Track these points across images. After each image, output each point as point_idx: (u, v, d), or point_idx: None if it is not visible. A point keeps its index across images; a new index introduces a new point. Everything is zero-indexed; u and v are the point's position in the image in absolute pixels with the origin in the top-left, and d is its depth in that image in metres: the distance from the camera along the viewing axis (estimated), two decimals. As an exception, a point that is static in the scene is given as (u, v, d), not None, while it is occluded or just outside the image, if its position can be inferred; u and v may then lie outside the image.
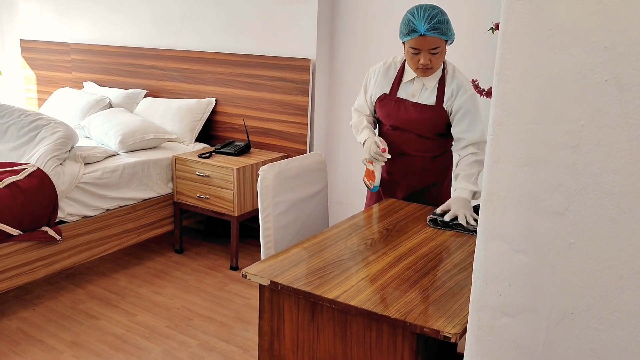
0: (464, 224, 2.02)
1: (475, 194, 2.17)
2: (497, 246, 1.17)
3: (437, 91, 2.28)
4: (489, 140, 1.15)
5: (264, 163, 3.54)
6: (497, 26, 2.71)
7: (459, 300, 1.49)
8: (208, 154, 3.59)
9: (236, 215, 3.44)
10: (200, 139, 4.04)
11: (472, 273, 1.66)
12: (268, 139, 3.82)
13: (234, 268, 3.53)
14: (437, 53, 2.16)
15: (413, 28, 2.13)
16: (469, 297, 1.51)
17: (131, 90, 4.35)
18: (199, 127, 3.95)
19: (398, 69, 2.36)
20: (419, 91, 2.30)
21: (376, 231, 2.01)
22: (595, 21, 0.98)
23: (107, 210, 3.30)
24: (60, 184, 2.99)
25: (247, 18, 3.82)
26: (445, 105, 2.27)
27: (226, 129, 4.01)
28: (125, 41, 4.48)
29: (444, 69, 2.29)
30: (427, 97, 2.29)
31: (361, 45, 3.55)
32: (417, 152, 2.35)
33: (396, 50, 3.42)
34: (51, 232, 2.94)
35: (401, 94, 2.33)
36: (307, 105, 3.61)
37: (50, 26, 4.97)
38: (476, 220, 1.94)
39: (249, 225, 4.00)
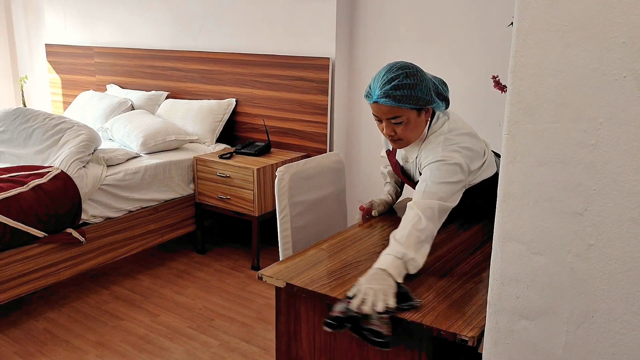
0: (365, 311, 1.38)
1: (406, 262, 1.57)
2: (514, 248, 1.14)
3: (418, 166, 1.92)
4: (504, 139, 1.13)
5: (283, 163, 3.54)
6: (517, 21, 2.67)
7: (477, 303, 1.46)
8: (228, 155, 3.61)
9: (257, 215, 3.45)
10: (221, 139, 4.06)
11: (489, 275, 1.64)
12: (288, 139, 3.82)
13: (255, 268, 3.55)
14: (400, 123, 1.76)
15: (368, 92, 1.77)
16: (486, 299, 1.48)
17: (153, 92, 4.40)
18: (220, 128, 3.97)
19: None
20: (411, 159, 1.96)
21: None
22: (612, 16, 0.95)
23: (130, 211, 3.34)
24: (84, 186, 3.03)
25: (266, 18, 3.83)
26: None
27: (247, 129, 4.02)
28: (147, 43, 4.53)
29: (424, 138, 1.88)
30: (413, 169, 1.97)
31: (380, 44, 3.53)
32: None
33: (415, 50, 3.40)
34: (75, 234, 2.99)
35: (397, 156, 2.04)
36: (327, 105, 3.59)
37: (74, 31, 5.05)
38: (390, 311, 1.39)
39: (271, 225, 4.00)
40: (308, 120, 3.70)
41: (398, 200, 2.28)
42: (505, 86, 2.77)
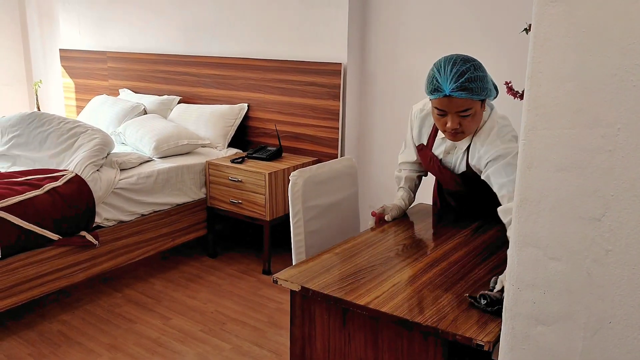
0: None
1: None
2: (531, 253, 1.15)
3: (468, 154, 1.96)
4: (520, 145, 1.13)
5: (295, 168, 3.56)
6: (530, 27, 2.67)
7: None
8: (240, 159, 3.63)
9: (268, 219, 3.46)
10: (232, 144, 4.08)
11: (506, 279, 1.63)
12: (300, 144, 3.83)
13: (267, 272, 3.56)
14: (468, 115, 1.80)
15: (437, 87, 1.78)
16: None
17: (165, 96, 4.43)
18: (232, 133, 3.99)
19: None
20: (453, 149, 2.00)
21: (408, 236, 1.99)
22: (630, 23, 0.96)
23: (142, 215, 3.36)
24: (98, 190, 3.06)
25: (279, 23, 3.85)
26: (474, 169, 1.96)
27: (258, 134, 4.05)
28: (159, 48, 4.57)
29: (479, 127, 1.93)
30: (459, 160, 2.00)
31: (392, 50, 3.54)
32: (459, 196, 2.20)
33: (427, 55, 3.40)
34: (89, 237, 3.01)
35: (436, 149, 2.05)
36: (339, 110, 3.61)
37: (88, 36, 5.11)
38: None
39: (282, 230, 4.02)
40: (320, 126, 3.72)
41: (411, 206, 2.29)
42: (518, 92, 2.77)
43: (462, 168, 1.99)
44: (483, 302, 1.46)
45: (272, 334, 2.86)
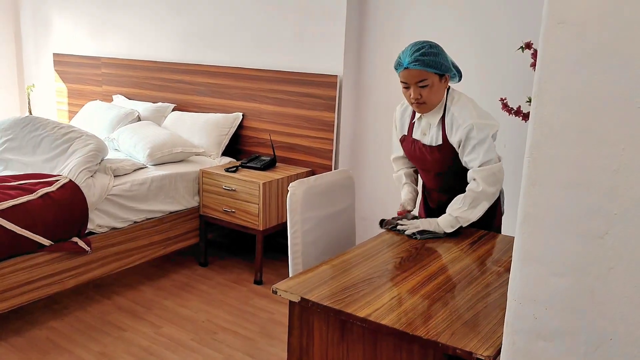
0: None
1: (455, 215, 2.13)
2: (534, 269, 1.16)
3: (442, 128, 2.20)
4: (525, 162, 1.15)
5: (289, 178, 3.57)
6: (527, 45, 2.71)
7: (492, 322, 1.48)
8: (234, 168, 3.63)
9: (261, 229, 3.46)
10: (226, 153, 4.08)
11: (504, 294, 1.65)
12: (294, 154, 3.84)
13: (258, 282, 3.55)
14: (425, 86, 2.10)
15: (399, 61, 2.12)
16: (502, 318, 1.50)
17: (159, 103, 4.42)
18: (226, 142, 3.99)
19: (411, 109, 2.32)
20: (427, 129, 2.24)
21: (405, 249, 2.00)
22: (637, 46, 0.98)
23: (135, 222, 3.35)
24: (91, 196, 3.04)
25: (275, 34, 3.87)
26: (450, 141, 2.19)
27: (252, 143, 4.05)
28: (154, 56, 4.57)
29: (445, 103, 2.21)
30: (434, 136, 2.23)
31: (388, 63, 3.57)
32: (442, 190, 2.35)
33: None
34: (81, 243, 2.99)
35: (415, 133, 2.29)
36: (333, 121, 3.63)
37: (83, 41, 5.09)
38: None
39: (273, 240, 4.02)
40: (314, 137, 3.73)
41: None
42: (513, 108, 2.81)
43: (439, 141, 2.22)
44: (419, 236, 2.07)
45: (264, 344, 2.85)
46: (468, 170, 2.18)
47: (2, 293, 2.71)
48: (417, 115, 2.26)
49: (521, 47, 2.70)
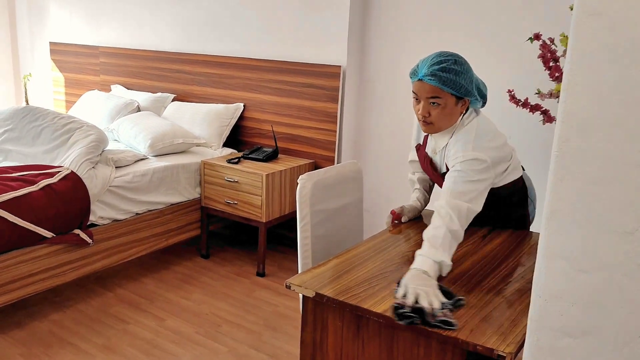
0: (427, 306, 1.44)
1: (442, 266, 1.67)
2: (560, 265, 1.14)
3: (445, 156, 1.98)
4: (553, 156, 1.13)
5: (292, 170, 3.54)
6: (536, 36, 2.68)
7: (510, 317, 1.46)
8: (236, 160, 3.59)
9: (264, 221, 3.43)
10: (227, 144, 4.04)
11: (520, 289, 1.64)
12: (296, 145, 3.81)
13: (261, 274, 3.52)
14: (437, 104, 1.85)
15: (415, 70, 1.88)
16: (520, 313, 1.48)
17: (159, 94, 4.37)
18: (227, 132, 3.95)
19: None
20: (439, 148, 2.02)
21: (417, 242, 1.98)
22: (675, 38, 0.96)
23: (137, 214, 3.31)
24: (93, 187, 3.00)
25: (278, 24, 3.83)
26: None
27: (253, 134, 4.01)
28: (154, 45, 4.51)
29: (454, 130, 1.94)
30: (440, 161, 2.03)
31: (392, 53, 3.54)
32: None
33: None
34: (83, 235, 2.96)
35: (428, 148, 2.09)
36: (337, 112, 3.59)
37: (80, 29, 5.02)
38: (445, 306, 1.47)
39: (275, 232, 3.99)
40: (317, 128, 3.70)
41: (426, 208, 2.29)
42: (520, 100, 2.78)
43: (444, 169, 2.00)
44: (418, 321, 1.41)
45: (268, 337, 2.84)
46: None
47: (4, 286, 2.68)
48: None
49: (530, 38, 2.67)
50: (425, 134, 2.09)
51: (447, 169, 1.94)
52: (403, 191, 3.32)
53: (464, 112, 1.93)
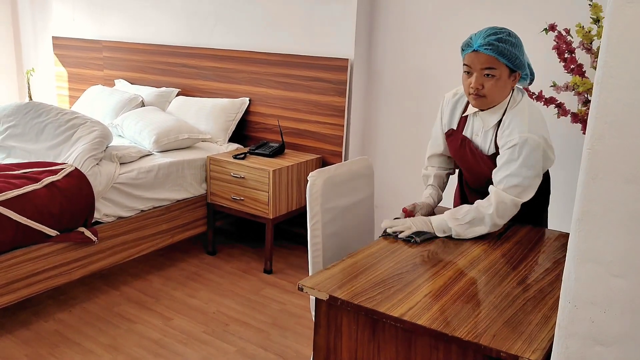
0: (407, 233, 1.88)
1: (451, 225, 1.90)
2: (591, 269, 1.08)
3: (495, 135, 1.96)
4: (585, 154, 1.06)
5: (299, 165, 3.48)
6: (551, 27, 2.61)
7: (533, 322, 1.40)
8: (243, 155, 3.53)
9: (271, 217, 3.38)
10: (232, 139, 3.98)
11: (542, 291, 1.58)
12: (302, 140, 3.75)
13: (268, 272, 3.47)
14: (491, 76, 1.84)
15: (468, 42, 1.88)
16: (543, 318, 1.42)
17: (163, 88, 4.31)
18: (233, 127, 3.89)
19: (466, 101, 2.05)
20: (480, 129, 2.00)
21: (432, 242, 1.92)
22: None
23: (142, 211, 3.26)
24: (97, 184, 2.95)
25: (284, 16, 3.75)
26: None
27: (258, 129, 3.95)
28: (158, 39, 4.44)
29: (507, 105, 1.94)
30: (486, 141, 2.00)
31: (400, 46, 3.46)
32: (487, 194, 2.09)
33: (436, 53, 3.33)
34: (87, 233, 2.91)
35: (466, 130, 2.05)
36: (344, 106, 3.53)
37: (83, 24, 4.96)
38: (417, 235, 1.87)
39: (282, 228, 3.94)
40: (324, 122, 3.63)
41: (439, 204, 2.23)
42: (534, 93, 2.71)
43: (492, 150, 1.99)
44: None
45: (276, 335, 2.78)
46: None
47: (8, 285, 2.63)
48: (472, 109, 1.99)
49: (545, 29, 2.59)
50: (463, 116, 2.07)
51: (496, 150, 1.94)
52: (414, 186, 3.26)
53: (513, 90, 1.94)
